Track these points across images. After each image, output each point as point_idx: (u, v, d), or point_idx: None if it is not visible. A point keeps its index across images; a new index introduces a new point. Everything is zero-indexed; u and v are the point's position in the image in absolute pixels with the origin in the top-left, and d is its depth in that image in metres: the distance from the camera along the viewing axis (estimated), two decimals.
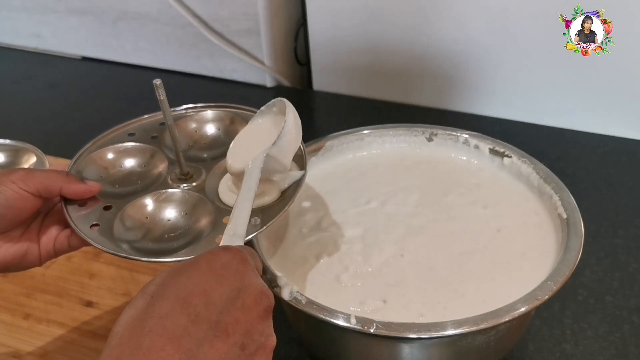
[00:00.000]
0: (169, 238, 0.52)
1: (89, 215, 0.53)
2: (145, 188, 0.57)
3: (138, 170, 0.59)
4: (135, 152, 0.60)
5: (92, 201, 0.54)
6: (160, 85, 0.53)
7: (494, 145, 0.66)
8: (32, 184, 0.50)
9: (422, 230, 0.59)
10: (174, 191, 0.56)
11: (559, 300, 0.67)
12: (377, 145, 0.70)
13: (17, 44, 1.33)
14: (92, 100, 1.16)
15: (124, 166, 0.60)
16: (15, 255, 0.52)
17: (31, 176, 0.50)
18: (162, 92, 0.54)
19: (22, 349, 0.64)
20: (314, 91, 1.10)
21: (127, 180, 0.58)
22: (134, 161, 0.60)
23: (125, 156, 0.60)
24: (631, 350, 0.62)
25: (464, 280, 0.54)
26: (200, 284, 0.37)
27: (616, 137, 0.93)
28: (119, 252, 0.50)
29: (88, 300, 0.69)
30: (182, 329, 0.35)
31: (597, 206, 0.80)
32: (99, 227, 0.52)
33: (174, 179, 0.57)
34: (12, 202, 0.49)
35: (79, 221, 0.52)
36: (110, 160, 0.59)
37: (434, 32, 0.95)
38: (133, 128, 0.63)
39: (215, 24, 1.09)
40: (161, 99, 0.54)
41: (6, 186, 0.49)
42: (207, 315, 0.36)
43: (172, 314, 0.35)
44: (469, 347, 0.51)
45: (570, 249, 0.53)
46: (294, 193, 0.53)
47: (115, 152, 0.60)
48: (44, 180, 0.51)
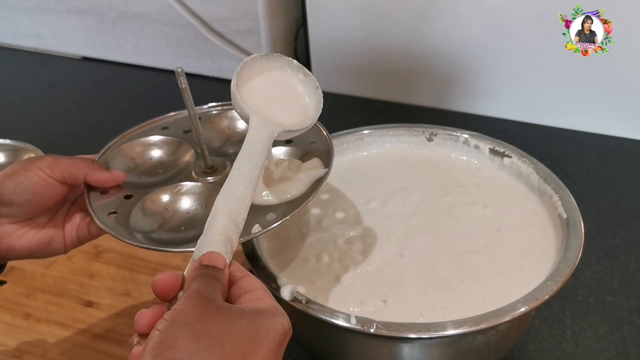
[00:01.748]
0: (185, 229, 0.52)
1: (109, 204, 0.53)
2: (169, 180, 0.56)
3: (164, 162, 0.59)
4: (161, 145, 0.60)
5: (115, 190, 0.54)
6: (182, 72, 0.52)
7: (494, 145, 0.66)
8: (58, 170, 0.50)
9: (422, 230, 0.59)
10: (193, 184, 0.55)
11: (559, 300, 0.67)
12: (377, 145, 0.70)
13: (17, 44, 1.33)
14: (92, 100, 1.16)
15: (151, 158, 0.59)
16: (40, 242, 0.52)
17: (57, 163, 0.51)
18: (184, 80, 0.52)
19: (22, 349, 0.64)
20: None
21: (153, 171, 0.58)
22: (160, 153, 0.60)
23: (152, 148, 0.60)
24: (631, 350, 0.62)
25: (464, 280, 0.54)
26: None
27: (616, 137, 0.93)
28: (133, 240, 0.49)
29: (88, 300, 0.69)
30: None
31: (597, 206, 0.80)
32: (116, 215, 0.52)
33: (198, 172, 0.56)
34: (37, 189, 0.50)
35: (98, 209, 0.52)
36: (137, 152, 0.60)
37: (434, 32, 0.95)
38: (167, 122, 0.63)
39: (215, 24, 1.09)
40: (183, 87, 0.53)
41: (32, 172, 0.50)
42: None
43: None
44: (469, 347, 0.51)
45: (570, 249, 0.53)
46: (315, 189, 0.52)
47: (142, 145, 0.60)
48: (69, 166, 0.51)
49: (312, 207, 0.64)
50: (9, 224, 0.51)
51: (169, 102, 1.12)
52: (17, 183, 0.49)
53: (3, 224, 0.51)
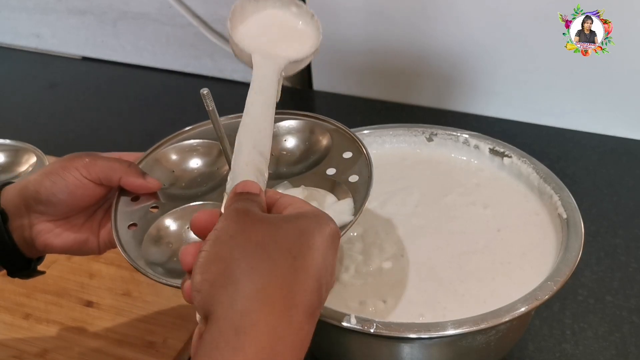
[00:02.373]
0: None
1: (134, 213, 0.51)
2: (204, 193, 0.52)
3: (205, 170, 0.55)
4: (202, 151, 0.56)
5: (147, 197, 0.52)
6: (208, 94, 0.47)
7: (494, 145, 0.66)
8: (94, 171, 0.50)
9: (422, 230, 0.59)
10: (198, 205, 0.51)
11: (559, 300, 0.67)
12: (377, 145, 0.70)
13: (17, 44, 1.33)
14: (92, 100, 1.16)
15: (189, 167, 0.56)
16: (75, 242, 0.52)
17: (93, 164, 0.50)
18: (211, 102, 0.48)
19: (22, 349, 0.64)
20: (314, 91, 1.10)
21: (192, 182, 0.54)
22: (200, 161, 0.56)
23: (192, 155, 0.56)
24: (631, 350, 0.62)
25: (464, 280, 0.54)
26: (329, 265, 0.37)
27: (616, 137, 0.93)
28: (137, 264, 0.47)
29: (88, 300, 0.69)
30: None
31: (597, 206, 0.80)
32: (135, 227, 0.50)
33: None
34: (72, 189, 0.50)
35: (122, 216, 0.51)
36: (176, 159, 0.56)
37: (434, 32, 0.95)
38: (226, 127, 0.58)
39: (215, 24, 1.09)
40: (210, 109, 0.48)
41: (69, 172, 0.49)
42: (324, 297, 0.36)
43: (313, 292, 0.35)
44: (469, 347, 0.51)
45: (570, 249, 0.53)
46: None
47: (182, 150, 0.56)
48: (105, 168, 0.50)
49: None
50: (46, 222, 0.51)
51: (169, 102, 1.12)
52: (54, 182, 0.49)
53: (41, 222, 0.51)
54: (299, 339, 0.34)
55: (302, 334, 0.35)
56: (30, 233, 0.51)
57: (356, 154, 0.53)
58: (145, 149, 0.58)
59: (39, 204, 0.50)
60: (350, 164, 0.52)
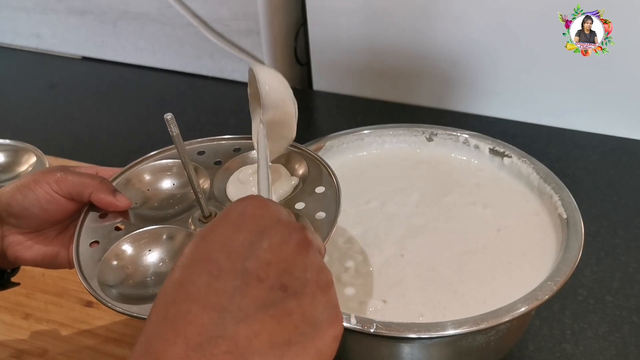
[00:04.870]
0: (151, 283, 0.47)
1: (99, 230, 0.50)
2: (172, 216, 0.51)
3: (176, 192, 0.54)
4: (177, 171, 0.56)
5: (114, 216, 0.51)
6: (172, 119, 0.46)
7: (494, 145, 0.66)
8: (65, 186, 0.50)
9: (422, 230, 0.59)
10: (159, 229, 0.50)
11: (559, 300, 0.67)
12: (377, 145, 0.70)
13: (17, 44, 1.33)
14: (92, 100, 1.16)
15: (162, 187, 0.55)
16: (45, 256, 0.52)
17: (65, 179, 0.50)
18: (175, 127, 0.46)
19: (22, 349, 0.64)
20: (314, 91, 1.10)
21: (163, 203, 0.54)
22: (173, 182, 0.55)
23: (166, 176, 0.55)
24: (631, 350, 0.62)
25: (464, 280, 0.54)
26: (218, 239, 0.35)
27: (616, 137, 0.93)
28: (89, 284, 0.46)
29: (88, 300, 0.69)
30: (205, 287, 0.32)
31: (597, 206, 0.80)
32: (97, 245, 0.49)
33: (194, 220, 0.50)
34: (43, 203, 0.49)
35: (86, 232, 0.50)
36: (150, 179, 0.55)
37: (434, 32, 0.95)
38: (205, 147, 0.58)
39: (215, 24, 1.09)
40: (174, 135, 0.46)
41: (40, 186, 0.49)
42: (231, 265, 0.33)
43: (193, 277, 0.33)
44: (469, 347, 0.51)
45: (570, 249, 0.53)
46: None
47: (157, 170, 0.56)
48: (76, 184, 0.50)
49: None
50: (17, 234, 0.51)
51: (169, 102, 1.12)
52: (25, 196, 0.49)
53: (12, 234, 0.51)
54: None
55: None
56: (1, 244, 0.51)
57: (328, 188, 0.51)
58: (145, 149, 0.58)
59: (10, 217, 0.50)
60: (320, 198, 0.51)
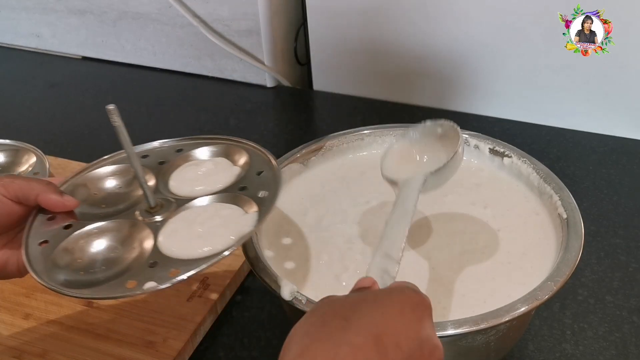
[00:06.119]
0: (97, 271, 0.49)
1: (48, 231, 0.51)
2: (118, 212, 0.54)
3: (121, 192, 0.57)
4: (120, 174, 0.59)
5: (63, 217, 0.52)
6: (114, 110, 0.49)
7: (494, 145, 0.66)
8: (12, 189, 0.50)
9: (422, 230, 0.59)
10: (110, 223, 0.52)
11: (559, 300, 0.67)
12: (377, 145, 0.70)
13: (17, 44, 1.33)
14: (92, 100, 1.16)
15: (108, 188, 0.58)
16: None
17: (11, 182, 0.50)
18: (118, 118, 0.50)
19: (22, 349, 0.64)
20: (314, 91, 1.10)
21: (109, 202, 0.56)
22: (117, 183, 0.58)
23: (111, 178, 0.58)
24: (631, 350, 0.62)
25: (464, 280, 0.54)
26: (393, 325, 0.38)
27: (616, 137, 0.93)
28: (42, 279, 0.47)
29: (88, 300, 0.69)
30: None
31: (597, 206, 0.80)
32: (47, 244, 0.50)
33: (142, 211, 0.53)
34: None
35: (35, 232, 0.51)
36: (96, 180, 0.58)
37: (434, 32, 0.95)
38: (147, 151, 0.61)
39: (215, 24, 1.09)
40: (116, 125, 0.50)
41: None
42: (394, 357, 0.37)
43: (365, 348, 0.36)
44: (469, 347, 0.51)
45: (570, 249, 0.53)
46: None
47: (102, 175, 0.59)
48: (23, 186, 0.51)
49: (312, 206, 0.64)
50: None
51: (169, 102, 1.12)
52: None
53: None
54: None
55: None
56: None
57: (268, 171, 0.55)
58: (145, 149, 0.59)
59: None
60: (262, 180, 0.55)
